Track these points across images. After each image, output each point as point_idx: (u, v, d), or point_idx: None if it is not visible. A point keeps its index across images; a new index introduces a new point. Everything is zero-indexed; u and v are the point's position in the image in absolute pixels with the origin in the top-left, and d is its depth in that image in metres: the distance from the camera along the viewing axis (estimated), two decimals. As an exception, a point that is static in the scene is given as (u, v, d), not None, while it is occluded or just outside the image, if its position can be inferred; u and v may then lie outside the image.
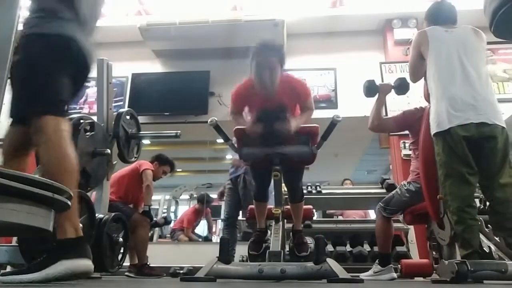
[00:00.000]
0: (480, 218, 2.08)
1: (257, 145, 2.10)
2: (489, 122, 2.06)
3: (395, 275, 2.72)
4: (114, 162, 2.84)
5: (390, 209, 2.73)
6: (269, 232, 2.71)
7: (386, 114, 4.63)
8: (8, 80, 1.21)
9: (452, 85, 2.13)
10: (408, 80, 2.55)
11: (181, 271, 3.70)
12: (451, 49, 2.21)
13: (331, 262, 1.80)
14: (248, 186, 3.76)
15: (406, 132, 2.88)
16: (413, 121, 2.66)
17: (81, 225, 2.00)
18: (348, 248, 3.60)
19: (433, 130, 2.16)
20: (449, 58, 2.19)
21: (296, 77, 2.30)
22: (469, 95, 2.09)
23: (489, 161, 2.05)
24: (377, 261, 2.82)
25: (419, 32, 2.39)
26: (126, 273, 3.34)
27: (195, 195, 7.47)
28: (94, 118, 2.67)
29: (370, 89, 2.71)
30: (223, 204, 4.54)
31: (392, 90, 2.70)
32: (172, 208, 7.96)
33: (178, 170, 3.87)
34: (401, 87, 2.64)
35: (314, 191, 3.83)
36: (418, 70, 2.36)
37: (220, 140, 3.33)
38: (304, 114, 2.21)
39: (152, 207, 3.68)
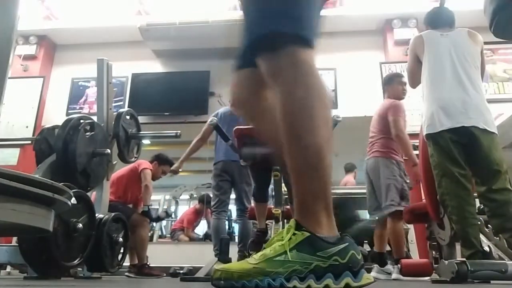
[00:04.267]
0: (480, 218, 2.09)
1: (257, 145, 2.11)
2: (480, 126, 2.07)
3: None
4: (114, 162, 2.84)
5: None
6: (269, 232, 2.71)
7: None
8: None
9: (444, 88, 2.16)
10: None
11: (181, 271, 3.70)
12: (444, 53, 2.24)
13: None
14: None
15: (406, 132, 2.91)
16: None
17: (80, 225, 2.02)
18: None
19: (424, 132, 2.20)
20: (441, 61, 2.22)
21: None
22: (460, 99, 2.11)
23: (481, 165, 2.06)
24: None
25: (415, 36, 2.44)
26: (126, 273, 3.34)
27: (195, 195, 7.46)
28: (94, 118, 2.67)
29: None
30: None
31: None
32: (172, 208, 7.97)
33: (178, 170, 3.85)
34: None
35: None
36: (416, 74, 2.38)
37: (220, 140, 3.31)
38: None
39: (152, 207, 3.68)
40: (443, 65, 2.21)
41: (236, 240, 3.43)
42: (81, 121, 2.44)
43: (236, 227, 6.60)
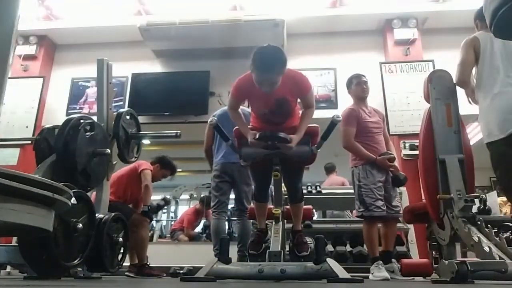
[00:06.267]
0: (480, 218, 2.09)
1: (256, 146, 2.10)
2: None
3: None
4: (114, 162, 2.84)
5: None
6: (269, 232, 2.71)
7: (386, 113, 4.64)
8: None
9: (497, 95, 2.15)
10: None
11: (181, 271, 3.70)
12: (495, 58, 2.22)
13: (331, 262, 1.80)
14: None
15: (406, 132, 2.90)
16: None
17: (80, 225, 2.02)
18: (348, 248, 3.60)
19: (485, 140, 2.19)
20: (493, 67, 2.21)
21: (297, 72, 2.20)
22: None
23: None
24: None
25: (472, 36, 2.36)
26: (126, 273, 3.34)
27: (195, 195, 7.47)
28: (94, 118, 2.67)
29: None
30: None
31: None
32: (172, 208, 7.97)
33: (178, 170, 3.84)
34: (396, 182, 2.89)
35: (314, 191, 3.83)
36: (472, 67, 2.34)
37: (220, 140, 3.30)
38: (305, 118, 2.17)
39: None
40: (495, 71, 2.20)
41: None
42: (81, 121, 2.44)
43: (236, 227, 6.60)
